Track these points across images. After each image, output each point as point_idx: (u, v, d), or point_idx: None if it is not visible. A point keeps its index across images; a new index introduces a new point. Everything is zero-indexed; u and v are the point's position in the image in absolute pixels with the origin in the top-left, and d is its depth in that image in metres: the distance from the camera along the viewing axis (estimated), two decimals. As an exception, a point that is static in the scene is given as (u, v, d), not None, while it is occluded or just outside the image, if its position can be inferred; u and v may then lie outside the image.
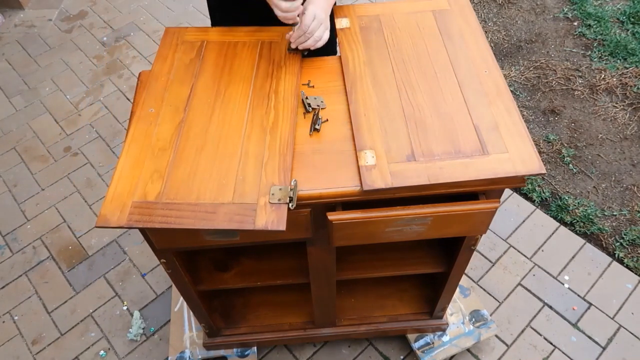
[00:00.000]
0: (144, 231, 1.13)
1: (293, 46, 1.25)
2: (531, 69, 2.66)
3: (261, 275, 1.42)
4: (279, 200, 0.99)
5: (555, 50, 2.74)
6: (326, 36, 1.23)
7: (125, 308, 1.96)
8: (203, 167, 1.05)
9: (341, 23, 1.34)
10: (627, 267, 1.98)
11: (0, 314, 1.98)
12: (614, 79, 2.56)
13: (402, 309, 1.69)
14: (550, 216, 2.13)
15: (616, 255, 2.01)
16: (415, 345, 1.71)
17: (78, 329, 1.92)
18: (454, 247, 1.34)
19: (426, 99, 1.16)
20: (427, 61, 1.23)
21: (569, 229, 2.09)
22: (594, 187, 2.21)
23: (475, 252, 1.98)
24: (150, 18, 3.08)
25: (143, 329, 1.90)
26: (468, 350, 1.79)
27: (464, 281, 1.80)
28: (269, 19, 1.26)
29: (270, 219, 0.97)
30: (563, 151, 2.31)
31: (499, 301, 1.92)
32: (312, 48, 1.23)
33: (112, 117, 2.59)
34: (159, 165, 1.06)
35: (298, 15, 1.19)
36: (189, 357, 1.68)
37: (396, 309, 1.69)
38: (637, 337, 1.81)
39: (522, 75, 2.63)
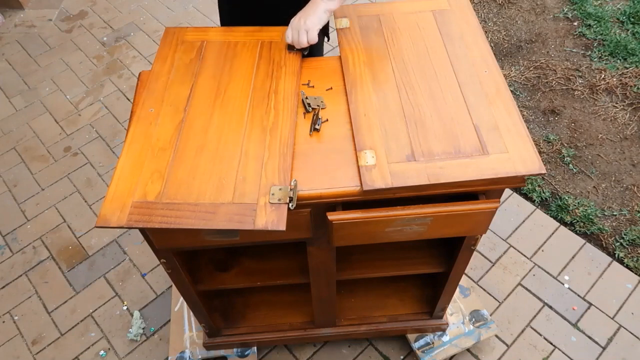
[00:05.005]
0: (144, 231, 1.13)
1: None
2: (531, 69, 2.66)
3: (261, 275, 1.42)
4: (279, 200, 0.99)
5: (555, 50, 2.74)
6: (311, 36, 1.23)
7: (125, 308, 1.96)
8: (203, 167, 1.05)
9: (341, 23, 1.34)
10: (627, 267, 1.98)
11: (0, 314, 1.98)
12: (614, 79, 2.56)
13: (402, 309, 1.69)
14: (550, 216, 2.13)
15: (616, 255, 2.01)
16: (415, 345, 1.71)
17: (78, 329, 1.92)
18: (454, 247, 1.34)
19: (426, 99, 1.16)
20: (427, 61, 1.23)
21: (569, 229, 2.09)
22: (594, 187, 2.21)
23: (475, 252, 1.98)
24: (150, 18, 3.08)
25: (143, 329, 1.90)
26: (468, 350, 1.79)
27: (464, 281, 1.80)
28: (277, 17, 1.29)
29: (270, 219, 0.97)
30: (563, 151, 2.31)
31: (499, 301, 1.92)
32: (301, 47, 1.27)
33: (112, 117, 2.59)
34: (159, 165, 1.06)
35: None
36: (189, 357, 1.68)
37: (396, 309, 1.69)
38: (637, 337, 1.81)
39: (522, 75, 2.63)
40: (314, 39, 1.23)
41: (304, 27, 1.22)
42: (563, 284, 1.95)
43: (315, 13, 1.23)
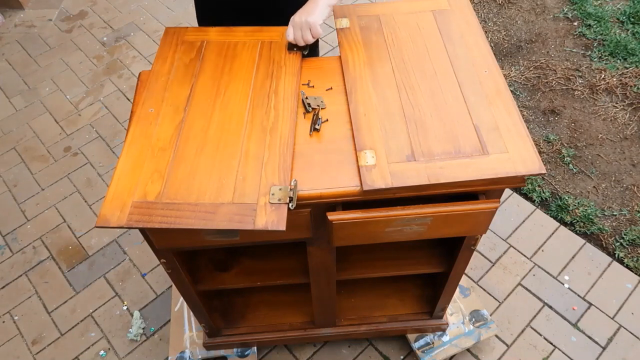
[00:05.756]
0: (144, 231, 1.13)
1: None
2: (531, 69, 2.66)
3: (261, 275, 1.42)
4: (279, 200, 0.99)
5: (555, 50, 2.74)
6: (316, 32, 1.23)
7: (125, 308, 1.96)
8: (203, 167, 1.05)
9: (341, 23, 1.34)
10: (627, 267, 1.98)
11: (0, 314, 1.98)
12: (614, 79, 2.56)
13: (402, 309, 1.69)
14: (550, 216, 2.13)
15: (616, 255, 2.01)
16: (415, 345, 1.71)
17: (78, 329, 1.92)
18: (454, 247, 1.34)
19: (426, 99, 1.16)
20: (427, 61, 1.23)
21: (569, 229, 2.09)
22: (594, 187, 2.21)
23: (475, 252, 1.98)
24: (150, 18, 3.08)
25: (143, 329, 1.90)
26: (468, 350, 1.79)
27: (464, 281, 1.80)
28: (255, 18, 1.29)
29: (270, 219, 0.97)
30: (563, 151, 2.31)
31: (499, 301, 1.92)
32: (307, 43, 1.26)
33: (112, 117, 2.59)
34: (159, 165, 1.06)
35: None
36: (189, 357, 1.68)
37: (396, 309, 1.69)
38: (637, 337, 1.81)
39: (522, 75, 2.63)
40: (319, 32, 1.23)
41: (306, 25, 1.22)
42: (563, 284, 1.95)
43: (317, 6, 1.23)
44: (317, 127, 1.14)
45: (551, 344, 1.82)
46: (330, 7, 1.26)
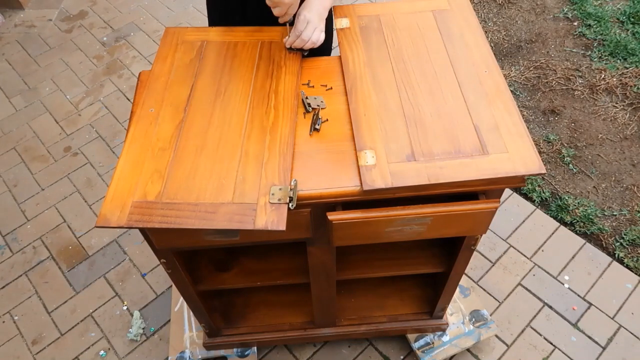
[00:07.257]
0: (144, 231, 1.13)
1: (288, 47, 1.26)
2: (531, 69, 2.66)
3: (261, 275, 1.42)
4: (279, 200, 0.99)
5: (555, 50, 2.74)
6: (321, 38, 1.24)
7: (125, 308, 1.96)
8: (203, 167, 1.05)
9: (341, 23, 1.34)
10: (627, 267, 1.98)
11: (0, 314, 1.98)
12: (614, 79, 2.56)
13: (402, 309, 1.69)
14: (550, 216, 2.13)
15: (616, 255, 2.01)
16: (415, 345, 1.71)
17: (78, 329, 1.92)
18: (454, 247, 1.34)
19: (426, 99, 1.16)
20: (427, 61, 1.23)
21: (569, 229, 2.09)
22: (594, 187, 2.21)
23: (475, 252, 1.98)
24: (150, 18, 3.08)
25: (143, 329, 1.90)
26: (468, 350, 1.79)
27: (464, 281, 1.80)
28: (266, 18, 1.27)
29: (270, 219, 0.97)
30: (563, 151, 2.31)
31: (499, 301, 1.92)
32: (306, 48, 1.25)
33: (112, 117, 2.59)
34: (159, 165, 1.06)
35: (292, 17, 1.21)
36: (189, 357, 1.68)
37: (396, 309, 1.69)
38: (637, 337, 1.81)
39: (522, 75, 2.63)
40: (321, 40, 1.24)
41: (319, 28, 1.21)
42: (563, 284, 1.95)
43: (324, 14, 1.23)
44: (317, 127, 1.14)
45: (551, 344, 1.82)
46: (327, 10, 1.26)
